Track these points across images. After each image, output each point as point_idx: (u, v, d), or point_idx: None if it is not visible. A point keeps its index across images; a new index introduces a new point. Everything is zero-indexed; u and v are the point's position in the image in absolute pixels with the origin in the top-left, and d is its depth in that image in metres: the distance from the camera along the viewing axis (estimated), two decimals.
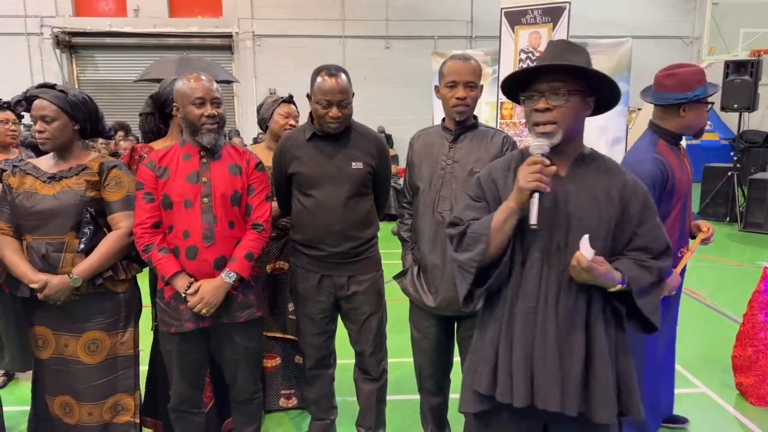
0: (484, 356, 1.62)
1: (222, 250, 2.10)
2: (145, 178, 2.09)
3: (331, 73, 2.24)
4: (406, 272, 2.36)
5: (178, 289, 2.07)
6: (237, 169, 2.16)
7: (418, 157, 2.30)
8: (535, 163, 1.45)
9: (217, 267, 2.09)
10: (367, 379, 2.56)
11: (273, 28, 12.59)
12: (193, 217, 2.06)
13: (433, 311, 2.27)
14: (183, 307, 2.09)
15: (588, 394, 1.53)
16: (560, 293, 1.53)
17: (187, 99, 2.05)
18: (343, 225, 2.34)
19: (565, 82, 1.48)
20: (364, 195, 2.40)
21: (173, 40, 12.27)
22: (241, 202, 2.16)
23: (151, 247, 2.06)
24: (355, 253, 2.39)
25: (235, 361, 2.25)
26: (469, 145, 2.20)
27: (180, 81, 2.09)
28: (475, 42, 12.69)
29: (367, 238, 2.42)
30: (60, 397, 2.19)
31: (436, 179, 2.21)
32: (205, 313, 2.07)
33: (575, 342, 1.52)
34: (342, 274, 2.41)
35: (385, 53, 13.05)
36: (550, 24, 6.13)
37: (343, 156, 2.34)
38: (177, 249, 2.08)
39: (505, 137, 2.24)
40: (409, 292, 2.33)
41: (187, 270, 2.08)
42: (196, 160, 2.11)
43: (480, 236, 1.54)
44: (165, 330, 2.14)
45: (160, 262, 2.06)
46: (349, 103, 2.28)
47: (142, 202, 2.08)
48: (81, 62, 12.91)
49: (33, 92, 2.08)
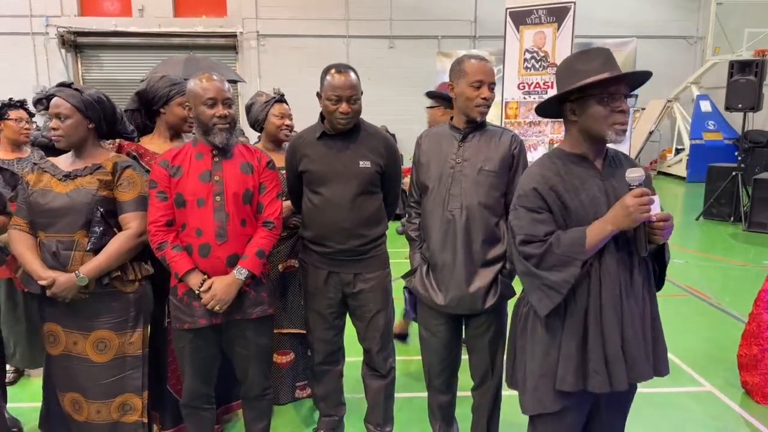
0: (564, 356, 1.70)
1: (234, 248, 2.13)
2: (158, 176, 2.11)
3: (341, 70, 2.29)
4: (415, 271, 2.36)
5: (191, 286, 2.09)
6: (249, 167, 2.19)
7: (426, 156, 2.31)
8: (642, 195, 1.57)
9: (229, 264, 2.12)
10: (375, 376, 2.59)
11: (277, 27, 12.62)
12: (205, 216, 2.09)
13: (442, 309, 2.27)
14: (196, 304, 2.11)
15: (655, 357, 1.74)
16: (632, 272, 1.68)
17: (199, 99, 2.07)
18: (350, 222, 2.37)
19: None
20: (373, 194, 2.42)
21: (178, 40, 12.31)
22: (253, 200, 2.18)
23: (165, 244, 2.09)
24: (362, 251, 2.42)
25: (247, 357, 2.28)
26: (477, 144, 2.22)
27: (192, 81, 2.11)
28: (478, 42, 12.68)
29: (375, 237, 2.44)
30: (70, 394, 2.22)
31: (445, 178, 2.22)
32: (218, 309, 2.10)
33: (646, 313, 1.71)
34: (348, 271, 2.44)
35: (388, 53, 13.06)
36: (555, 24, 6.14)
37: (351, 154, 2.37)
38: (190, 247, 2.11)
39: (513, 136, 2.26)
40: (418, 291, 2.33)
41: (200, 267, 2.11)
42: (208, 159, 2.14)
43: (573, 259, 1.63)
44: (178, 326, 2.16)
45: (173, 260, 2.09)
46: (359, 99, 2.31)
47: (156, 200, 2.11)
48: (86, 62, 12.94)
49: (51, 91, 2.12)
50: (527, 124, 6.49)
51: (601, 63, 1.65)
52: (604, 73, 1.62)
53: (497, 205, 2.21)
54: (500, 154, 2.18)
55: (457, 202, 2.19)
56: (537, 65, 6.33)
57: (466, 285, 2.19)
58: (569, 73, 1.69)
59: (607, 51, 1.70)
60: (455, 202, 2.19)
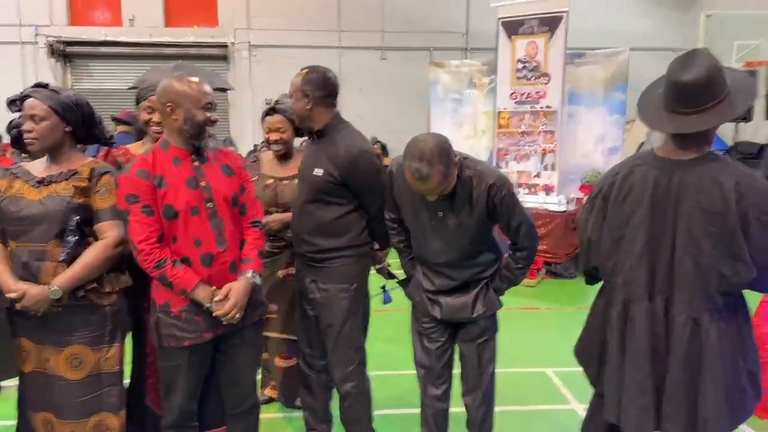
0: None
1: (234, 253, 2.08)
2: (140, 189, 1.94)
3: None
4: (410, 278, 2.37)
5: (200, 299, 1.97)
6: (229, 169, 2.12)
7: (399, 195, 2.25)
8: None
9: (232, 270, 2.06)
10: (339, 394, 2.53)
11: (269, 38, 12.56)
12: (202, 224, 2.00)
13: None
14: (199, 318, 2.00)
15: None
16: None
17: (197, 103, 1.98)
18: (298, 228, 2.44)
19: None
20: (327, 203, 2.35)
21: (169, 50, 12.21)
22: (238, 202, 2.12)
23: (165, 262, 1.94)
24: (316, 259, 2.41)
25: (243, 366, 2.20)
26: (452, 199, 2.13)
27: (180, 83, 1.99)
28: (470, 54, 12.70)
29: (328, 248, 2.36)
30: (41, 414, 2.09)
31: (426, 231, 2.23)
32: (238, 318, 2.02)
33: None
34: (307, 275, 2.47)
35: (381, 64, 13.05)
36: (547, 33, 6.13)
37: (312, 160, 2.39)
38: (188, 259, 1.99)
39: (490, 186, 2.09)
40: (414, 298, 2.34)
41: (204, 278, 2.00)
42: (188, 164, 2.03)
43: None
44: (176, 345, 2.02)
45: (177, 277, 1.95)
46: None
47: (141, 216, 1.93)
48: (76, 71, 12.82)
49: (26, 91, 2.02)
50: (520, 134, 6.45)
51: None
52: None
53: (482, 246, 2.24)
54: (478, 208, 2.11)
55: (441, 258, 2.23)
56: (529, 75, 6.30)
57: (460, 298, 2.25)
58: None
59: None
60: (439, 257, 2.23)
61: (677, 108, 1.74)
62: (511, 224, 2.16)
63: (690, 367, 1.73)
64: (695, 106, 1.71)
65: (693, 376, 1.73)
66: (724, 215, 1.66)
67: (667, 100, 1.77)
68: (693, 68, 1.70)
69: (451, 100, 7.10)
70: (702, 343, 1.72)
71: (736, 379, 1.74)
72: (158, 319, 2.04)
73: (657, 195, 1.77)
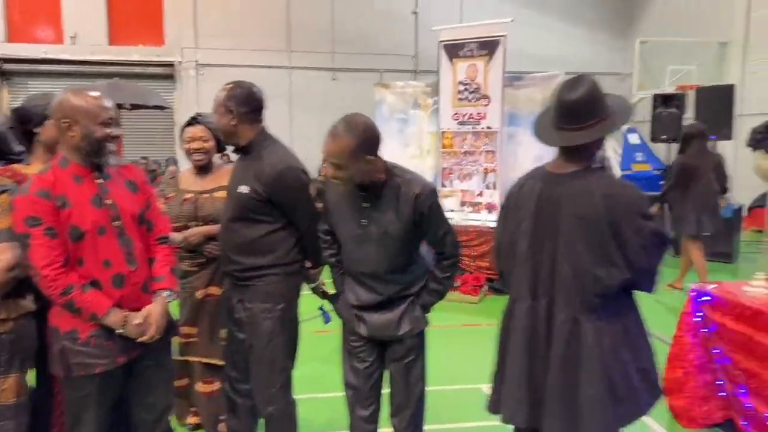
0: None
1: (144, 272, 2.02)
2: (41, 211, 1.84)
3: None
4: (340, 294, 2.35)
5: (112, 324, 1.90)
6: (133, 185, 2.07)
7: (331, 201, 2.28)
8: None
9: (144, 290, 2.01)
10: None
11: (217, 57, 12.44)
12: (110, 244, 1.93)
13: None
14: (110, 343, 1.93)
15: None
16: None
17: (97, 118, 1.92)
18: (224, 245, 2.41)
19: None
20: (255, 221, 2.31)
21: (113, 68, 11.92)
22: (145, 219, 2.08)
23: (71, 288, 1.85)
24: (241, 278, 2.36)
25: (160, 389, 2.14)
26: (378, 206, 2.16)
27: (77, 98, 1.93)
28: (419, 76, 12.92)
29: (254, 266, 2.32)
30: None
31: (353, 238, 2.22)
32: (154, 339, 1.99)
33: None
34: (234, 294, 2.43)
35: (331, 84, 13.11)
36: (486, 56, 6.29)
37: (239, 177, 2.35)
38: (97, 282, 1.91)
39: (417, 195, 2.12)
40: (343, 316, 2.32)
41: (115, 299, 1.93)
42: (90, 182, 1.96)
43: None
44: (85, 373, 1.92)
45: (86, 302, 1.86)
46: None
47: (45, 239, 1.83)
48: (14, 90, 12.33)
49: None
50: (462, 153, 6.56)
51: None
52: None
53: (407, 258, 2.24)
54: (405, 217, 2.13)
55: (366, 267, 2.23)
56: (470, 96, 6.44)
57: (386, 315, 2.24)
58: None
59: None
60: (364, 266, 2.23)
61: (563, 124, 1.92)
62: (437, 233, 2.20)
63: (569, 364, 1.86)
64: (579, 122, 1.89)
65: (572, 373, 1.85)
66: (595, 222, 1.83)
67: (555, 118, 1.95)
68: (578, 89, 1.89)
69: (397, 120, 7.17)
70: (581, 341, 1.86)
71: (623, 376, 1.86)
72: (63, 348, 1.93)
73: (540, 205, 1.95)
